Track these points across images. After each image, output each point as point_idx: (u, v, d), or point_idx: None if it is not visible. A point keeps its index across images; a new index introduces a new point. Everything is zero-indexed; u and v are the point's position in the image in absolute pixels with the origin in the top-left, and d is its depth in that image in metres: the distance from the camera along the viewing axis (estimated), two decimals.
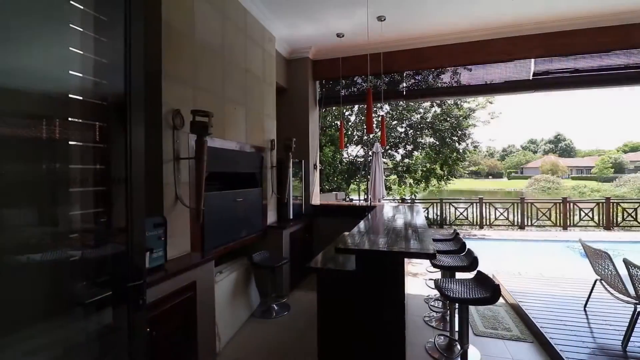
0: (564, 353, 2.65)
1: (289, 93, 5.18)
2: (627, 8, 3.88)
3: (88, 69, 1.18)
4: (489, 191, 33.97)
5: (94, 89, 1.22)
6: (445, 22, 4.23)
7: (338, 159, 10.87)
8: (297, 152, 4.78)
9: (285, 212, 4.42)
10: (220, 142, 3.11)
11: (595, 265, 3.28)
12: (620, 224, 8.76)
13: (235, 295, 3.34)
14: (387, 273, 2.08)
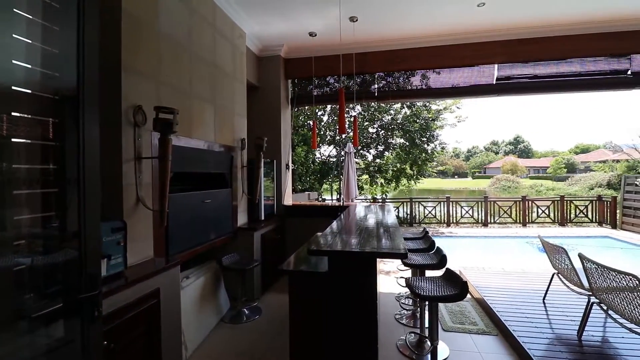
0: (525, 345, 2.78)
1: (261, 91, 5.07)
2: (581, 19, 4.16)
3: (35, 59, 1.08)
4: (455, 190, 35.47)
5: (42, 81, 1.12)
6: (416, 25, 4.32)
7: (311, 158, 10.85)
8: (269, 151, 4.69)
9: (257, 213, 4.32)
10: (187, 140, 2.97)
11: (553, 259, 3.47)
12: (573, 220, 9.43)
13: (203, 301, 3.20)
14: (360, 273, 2.07)
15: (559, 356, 2.62)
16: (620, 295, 2.38)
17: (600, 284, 2.61)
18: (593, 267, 2.66)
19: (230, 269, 3.40)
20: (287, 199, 5.30)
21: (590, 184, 21.80)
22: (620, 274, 2.34)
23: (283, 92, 5.15)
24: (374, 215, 3.96)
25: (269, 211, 4.73)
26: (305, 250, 2.75)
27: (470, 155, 61.84)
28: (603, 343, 2.80)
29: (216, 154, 3.51)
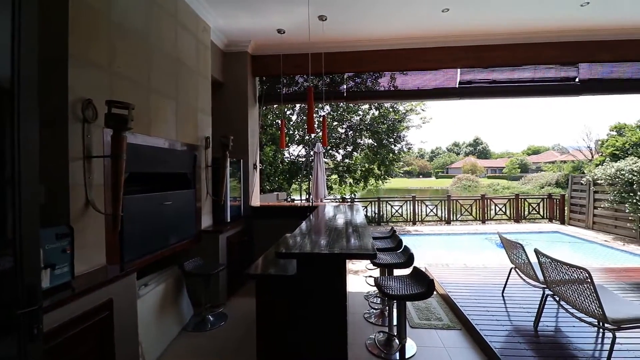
0: (487, 338, 2.89)
1: (227, 88, 4.89)
2: (535, 29, 4.43)
3: None
4: (420, 189, 36.79)
5: None
6: (384, 27, 4.37)
7: (279, 158, 10.70)
8: (236, 150, 4.53)
9: (222, 214, 4.15)
10: (145, 138, 2.77)
11: (511, 255, 3.65)
12: (527, 216, 10.10)
13: (163, 309, 3.00)
14: (329, 275, 2.03)
15: (517, 347, 2.75)
16: (572, 287, 2.54)
17: (553, 277, 2.77)
18: (547, 261, 2.82)
19: (193, 275, 3.23)
20: (254, 199, 5.16)
21: (541, 183, 23.54)
22: (571, 267, 2.49)
23: (250, 89, 5.01)
24: (343, 215, 3.95)
25: (236, 213, 4.57)
26: (273, 253, 2.67)
27: (434, 156, 64.50)
28: (556, 332, 2.99)
29: (178, 152, 3.32)
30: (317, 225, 3.13)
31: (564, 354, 2.66)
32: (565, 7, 3.89)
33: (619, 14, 4.06)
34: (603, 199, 8.03)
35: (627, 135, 16.55)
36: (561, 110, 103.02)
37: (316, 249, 2.06)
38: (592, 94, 4.85)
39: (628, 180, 7.01)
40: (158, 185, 3.16)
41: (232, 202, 4.41)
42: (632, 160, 7.27)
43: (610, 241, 7.16)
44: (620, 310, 2.37)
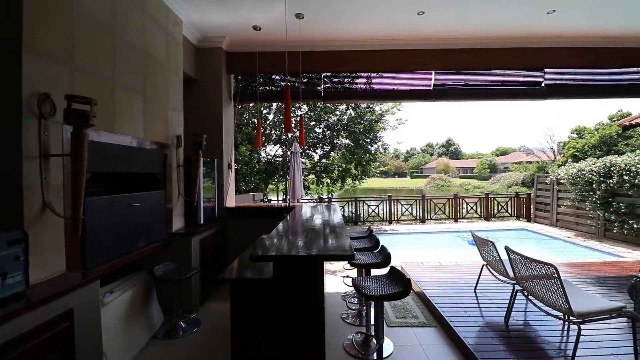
0: (461, 334, 2.95)
1: (200, 85, 4.72)
2: (504, 35, 4.60)
3: None
4: (395, 189, 37.51)
5: None
6: (361, 28, 4.38)
7: (256, 158, 10.52)
8: (210, 150, 4.38)
9: (195, 216, 4.00)
10: (110, 136, 2.60)
11: (483, 252, 3.76)
12: (496, 215, 10.52)
13: (131, 317, 2.84)
14: (307, 277, 1.98)
15: (489, 342, 2.83)
16: (540, 282, 2.64)
17: (523, 273, 2.87)
18: (517, 258, 2.92)
19: (163, 280, 3.07)
20: (229, 200, 5.02)
21: (508, 182, 24.67)
22: (540, 264, 2.59)
23: (225, 87, 4.86)
24: (321, 215, 3.92)
25: (210, 214, 4.42)
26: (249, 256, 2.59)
27: (408, 156, 66.02)
28: (525, 327, 3.10)
29: (146, 151, 3.15)
30: (294, 226, 3.07)
31: (532, 347, 2.76)
32: (533, 15, 4.06)
33: (581, 23, 4.30)
34: (566, 198, 8.51)
35: (586, 138, 17.69)
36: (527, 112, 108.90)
37: (293, 251, 2.01)
38: (556, 98, 5.12)
39: (588, 180, 7.46)
40: (125, 186, 2.99)
41: (205, 203, 4.26)
42: (592, 161, 7.74)
43: (572, 237, 7.59)
44: (585, 304, 2.48)
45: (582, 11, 3.96)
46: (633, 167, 6.50)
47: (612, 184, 6.90)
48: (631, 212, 6.59)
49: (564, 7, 3.86)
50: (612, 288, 3.96)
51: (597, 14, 4.06)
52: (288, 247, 2.12)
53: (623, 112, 19.71)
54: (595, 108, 74.68)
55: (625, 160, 6.82)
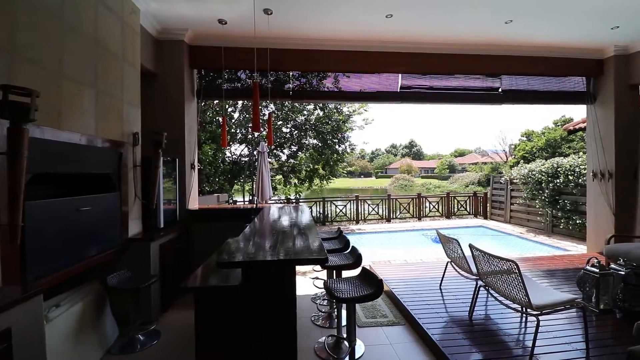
0: (429, 331, 3.01)
1: (160, 79, 4.43)
2: (465, 41, 4.80)
3: None
4: (361, 189, 38.19)
5: None
6: (330, 28, 4.35)
7: (220, 157, 10.15)
8: (171, 149, 4.12)
9: (154, 220, 3.73)
10: (55, 132, 2.33)
11: (447, 249, 3.88)
12: (456, 213, 11.04)
13: (81, 332, 2.57)
14: (278, 282, 1.90)
15: (455, 337, 2.91)
16: (502, 277, 2.76)
17: (486, 269, 2.99)
18: (480, 255, 3.04)
19: (118, 290, 2.82)
20: (192, 202, 4.76)
21: (466, 182, 26.10)
22: (502, 260, 2.71)
23: (187, 82, 4.60)
24: (290, 217, 3.83)
25: (171, 217, 4.16)
26: (215, 261, 2.45)
27: (374, 157, 67.59)
28: (488, 320, 3.24)
29: (98, 150, 2.87)
30: (263, 228, 2.96)
31: (494, 340, 2.88)
32: (493, 24, 4.28)
33: (534, 34, 4.60)
34: (518, 196, 9.13)
35: (534, 141, 19.17)
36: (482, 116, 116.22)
37: (263, 255, 1.91)
38: (512, 103, 5.44)
39: (538, 180, 8.05)
40: (74, 189, 2.70)
41: (166, 206, 4.00)
42: (541, 163, 8.37)
43: (524, 233, 8.15)
44: (542, 297, 2.63)
45: (536, 22, 4.23)
46: (577, 168, 7.11)
47: (558, 184, 7.50)
48: (575, 210, 7.20)
49: (520, 17, 4.10)
50: (562, 280, 4.27)
51: (549, 26, 4.36)
52: (257, 251, 2.02)
53: (566, 118, 21.64)
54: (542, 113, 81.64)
55: (570, 161, 7.45)
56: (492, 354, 2.66)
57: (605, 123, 5.25)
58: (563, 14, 4.04)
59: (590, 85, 5.44)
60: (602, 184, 5.32)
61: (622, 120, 5.12)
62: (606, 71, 5.23)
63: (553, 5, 3.82)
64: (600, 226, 5.37)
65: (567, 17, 4.11)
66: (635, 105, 5.19)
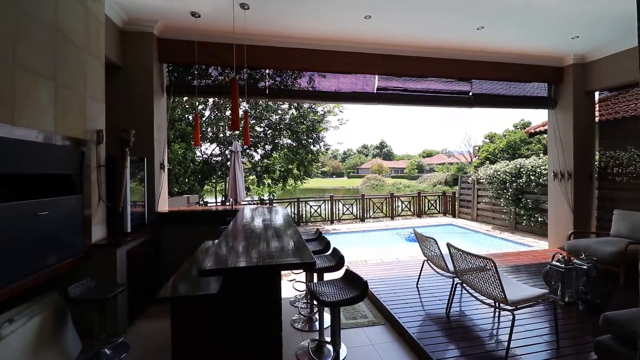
0: (410, 329, 3.04)
1: (127, 73, 4.14)
2: (439, 45, 4.93)
3: None
4: (333, 189, 38.46)
5: None
6: (308, 26, 4.28)
7: (190, 157, 9.75)
8: (138, 147, 3.86)
9: (121, 224, 3.47)
10: (8, 129, 2.07)
11: (424, 248, 3.95)
12: (426, 212, 11.37)
13: (39, 349, 2.32)
14: (263, 289, 1.80)
15: (434, 335, 2.96)
16: (479, 275, 2.84)
17: (463, 267, 3.07)
18: (457, 253, 3.11)
19: (81, 301, 2.58)
20: (162, 204, 4.51)
21: (434, 182, 27.03)
22: (479, 258, 2.79)
23: (157, 77, 4.34)
24: (269, 218, 3.72)
25: (139, 221, 3.90)
26: (190, 268, 2.30)
27: (345, 157, 68.26)
28: (464, 316, 3.33)
29: (57, 148, 2.61)
30: (242, 231, 2.83)
31: (472, 335, 2.96)
32: (465, 29, 4.42)
33: (503, 40, 4.81)
34: (484, 195, 9.56)
35: (497, 143, 20.25)
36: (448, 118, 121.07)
37: (246, 261, 1.81)
38: (482, 107, 5.67)
39: (502, 180, 8.48)
40: (30, 191, 2.44)
41: (133, 208, 3.74)
42: (505, 163, 8.82)
43: (490, 230, 8.55)
44: (516, 292, 2.73)
45: (505, 29, 4.42)
46: (538, 169, 7.57)
47: (521, 183, 7.94)
48: (536, 207, 7.66)
49: (491, 24, 4.26)
50: (528, 275, 4.50)
51: (516, 34, 4.58)
52: (240, 257, 1.91)
53: (525, 121, 23.09)
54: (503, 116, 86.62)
55: (531, 162, 7.91)
56: (469, 349, 2.73)
57: (565, 127, 5.62)
58: (530, 23, 4.26)
59: (552, 91, 5.80)
60: (562, 183, 5.69)
61: (580, 124, 5.50)
62: (565, 78, 5.59)
63: (521, 14, 4.01)
64: (560, 223, 5.73)
65: (533, 26, 4.33)
66: (591, 111, 5.61)
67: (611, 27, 4.37)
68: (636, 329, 2.15)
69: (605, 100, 5.66)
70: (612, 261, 4.06)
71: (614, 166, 5.35)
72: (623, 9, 3.84)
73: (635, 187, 5.04)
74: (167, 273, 2.95)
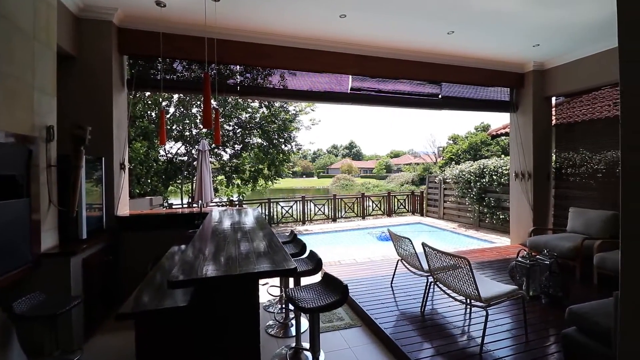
0: (386, 330, 3.04)
1: (82, 64, 3.78)
2: (410, 48, 5.01)
3: None
4: (304, 189, 38.35)
5: None
6: (281, 22, 4.16)
7: (153, 156, 9.21)
8: (95, 146, 3.54)
9: (75, 230, 3.14)
10: None
11: (399, 248, 3.98)
12: (396, 211, 11.62)
13: None
14: (238, 300, 1.68)
15: (410, 334, 2.98)
16: (453, 273, 2.89)
17: (438, 265, 3.12)
18: (432, 252, 3.15)
19: (28, 318, 2.29)
20: (122, 207, 4.17)
21: (401, 182, 27.82)
22: (454, 257, 2.84)
23: (116, 70, 4.01)
24: (242, 221, 3.56)
25: (96, 225, 3.57)
26: (156, 275, 2.12)
27: (315, 157, 68.34)
28: (438, 314, 3.38)
29: (0, 146, 2.30)
30: (214, 237, 2.66)
31: (446, 333, 3.01)
32: (437, 33, 4.52)
33: (471, 46, 4.98)
34: (450, 194, 9.94)
35: (460, 144, 21.20)
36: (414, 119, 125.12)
37: (221, 269, 1.67)
38: (450, 109, 5.86)
39: (467, 179, 8.85)
40: None
41: (90, 213, 3.42)
42: (470, 164, 9.22)
43: (456, 228, 8.89)
44: (488, 289, 2.81)
45: (473, 35, 4.58)
46: (500, 169, 7.97)
47: (484, 183, 8.33)
48: (498, 206, 8.07)
49: (461, 29, 4.39)
50: (494, 270, 4.69)
51: (483, 39, 4.76)
52: (213, 264, 1.77)
53: (485, 124, 24.41)
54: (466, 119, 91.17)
55: (494, 163, 8.32)
56: (445, 347, 2.77)
57: (525, 130, 5.95)
58: (497, 30, 4.44)
59: (514, 95, 6.11)
60: (522, 183, 6.01)
61: (539, 128, 5.85)
62: (526, 84, 5.92)
63: (490, 21, 4.16)
64: (521, 220, 6.06)
65: (499, 33, 4.52)
66: (548, 115, 5.98)
67: (569, 37, 4.67)
68: (598, 321, 2.27)
69: (561, 105, 6.07)
70: (570, 256, 4.34)
71: (568, 167, 5.74)
72: (581, 19, 4.11)
73: (587, 186, 5.45)
74: (130, 282, 2.71)
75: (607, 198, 5.14)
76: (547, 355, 2.65)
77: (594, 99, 5.59)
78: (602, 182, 5.24)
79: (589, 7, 3.79)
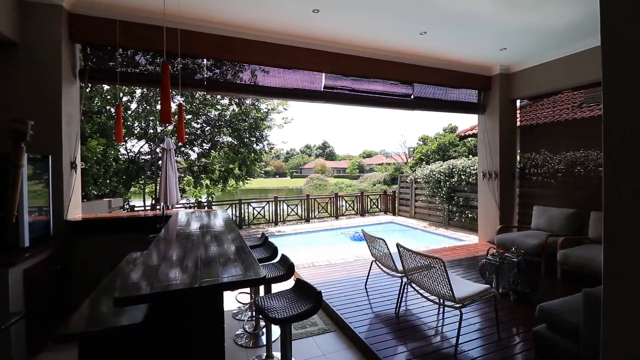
0: (361, 334, 2.96)
1: (25, 52, 3.37)
2: (383, 47, 4.98)
3: None
4: (276, 189, 37.90)
5: None
6: (254, 15, 3.96)
7: (112, 155, 8.61)
8: (40, 143, 3.17)
9: (15, 237, 2.78)
10: None
11: (373, 248, 3.92)
12: (369, 210, 11.69)
13: None
14: (202, 315, 1.50)
15: (386, 338, 2.92)
16: (427, 274, 2.86)
17: (412, 266, 3.07)
18: (406, 252, 3.11)
19: None
20: (73, 210, 3.78)
21: (373, 181, 28.24)
22: (429, 258, 2.80)
23: (66, 59, 3.62)
24: (208, 225, 3.33)
25: (41, 232, 3.19)
26: (110, 285, 1.88)
27: (288, 157, 67.88)
28: (413, 315, 3.35)
29: None
30: (176, 242, 2.44)
31: (421, 334, 2.98)
32: (410, 33, 4.51)
33: (442, 48, 5.05)
34: (421, 194, 10.12)
35: (429, 145, 21.82)
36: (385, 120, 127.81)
37: (180, 280, 1.49)
38: (422, 110, 5.92)
39: (437, 179, 9.05)
40: None
41: (34, 217, 3.05)
42: (440, 164, 9.44)
43: (427, 226, 9.06)
44: (462, 289, 2.80)
45: (444, 37, 4.62)
46: (468, 169, 8.21)
47: (454, 182, 8.55)
48: (466, 205, 8.31)
49: (433, 31, 4.42)
50: (464, 268, 4.77)
51: (454, 42, 4.82)
52: (172, 275, 1.58)
53: (452, 126, 25.32)
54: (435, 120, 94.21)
55: (462, 163, 8.56)
56: (421, 349, 2.73)
57: (492, 131, 6.13)
58: (467, 33, 4.51)
59: (481, 97, 6.29)
60: (489, 182, 6.20)
61: (505, 129, 6.05)
62: (493, 86, 6.11)
63: (459, 23, 4.21)
64: (489, 218, 6.25)
65: (469, 35, 4.60)
66: (513, 117, 6.21)
67: (534, 42, 4.84)
68: (567, 318, 2.31)
69: (525, 107, 6.32)
70: (535, 252, 4.49)
71: (532, 167, 5.99)
72: (549, 24, 4.25)
73: (549, 185, 5.71)
74: (84, 292, 2.42)
75: (566, 196, 5.40)
76: (519, 352, 2.68)
77: (554, 102, 5.87)
78: (562, 182, 5.51)
79: (556, 11, 3.91)
